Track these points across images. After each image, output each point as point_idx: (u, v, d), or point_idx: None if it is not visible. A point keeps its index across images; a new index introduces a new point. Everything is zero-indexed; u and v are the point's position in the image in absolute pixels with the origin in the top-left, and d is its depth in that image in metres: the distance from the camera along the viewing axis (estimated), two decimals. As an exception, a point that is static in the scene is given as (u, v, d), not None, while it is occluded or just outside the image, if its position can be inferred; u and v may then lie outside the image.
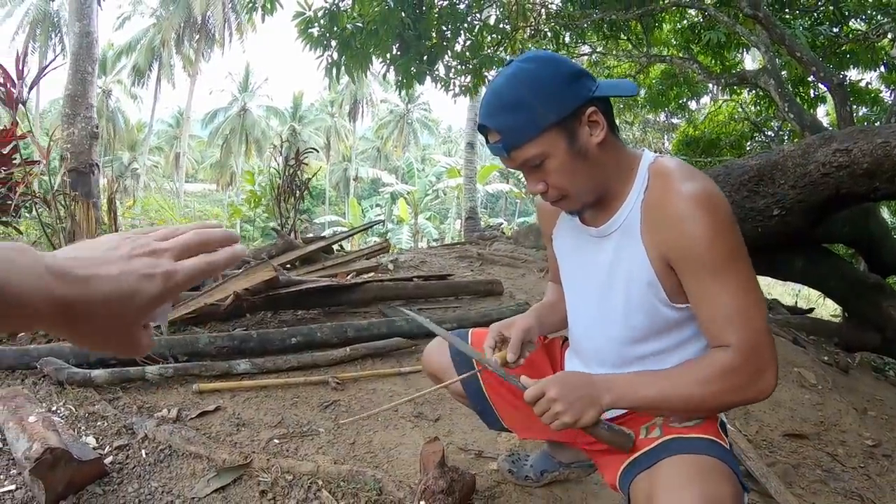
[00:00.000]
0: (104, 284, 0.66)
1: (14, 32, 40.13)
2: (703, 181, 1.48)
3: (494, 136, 1.53)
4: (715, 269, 1.44)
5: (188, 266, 0.74)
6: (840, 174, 4.40)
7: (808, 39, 8.31)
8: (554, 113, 1.47)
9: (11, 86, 5.66)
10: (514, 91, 1.48)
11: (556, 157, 1.50)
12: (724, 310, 1.45)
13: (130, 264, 0.69)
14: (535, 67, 1.49)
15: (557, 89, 1.48)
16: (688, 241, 1.44)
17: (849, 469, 2.90)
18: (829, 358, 4.76)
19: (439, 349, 2.12)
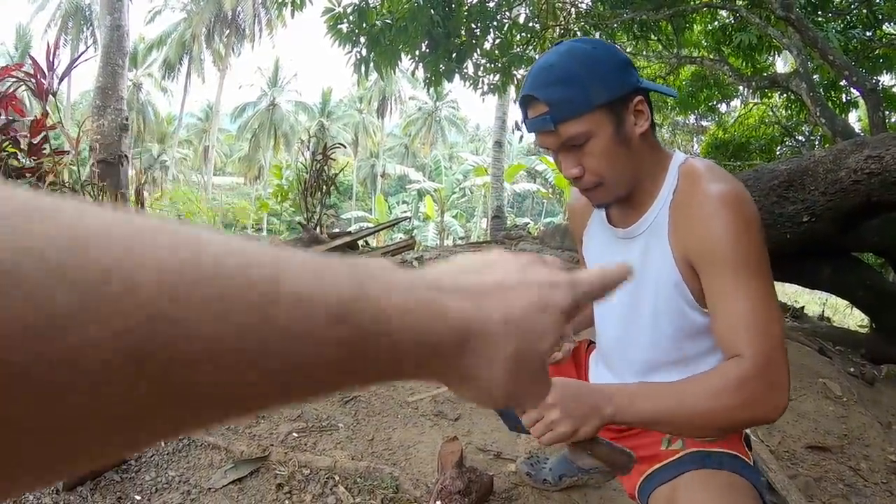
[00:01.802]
0: (510, 295, 0.51)
1: (46, 25, 40.72)
2: (733, 183, 1.45)
3: (540, 109, 1.47)
4: (736, 271, 1.38)
5: (590, 276, 0.60)
6: (871, 181, 4.34)
7: (841, 43, 8.20)
8: (606, 93, 1.44)
9: (42, 77, 5.73)
10: (568, 65, 1.45)
11: (601, 139, 1.46)
12: (741, 316, 1.37)
13: (526, 273, 0.55)
14: (589, 48, 1.47)
15: (610, 71, 1.46)
16: (711, 239, 1.41)
17: (871, 484, 2.85)
18: (855, 369, 4.69)
19: None
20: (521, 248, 8.49)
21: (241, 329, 0.31)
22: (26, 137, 6.27)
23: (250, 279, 0.32)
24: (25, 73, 5.95)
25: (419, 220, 33.88)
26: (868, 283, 5.26)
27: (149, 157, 43.28)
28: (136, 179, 7.91)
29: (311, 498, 2.17)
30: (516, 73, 8.63)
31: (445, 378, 0.48)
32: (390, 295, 0.40)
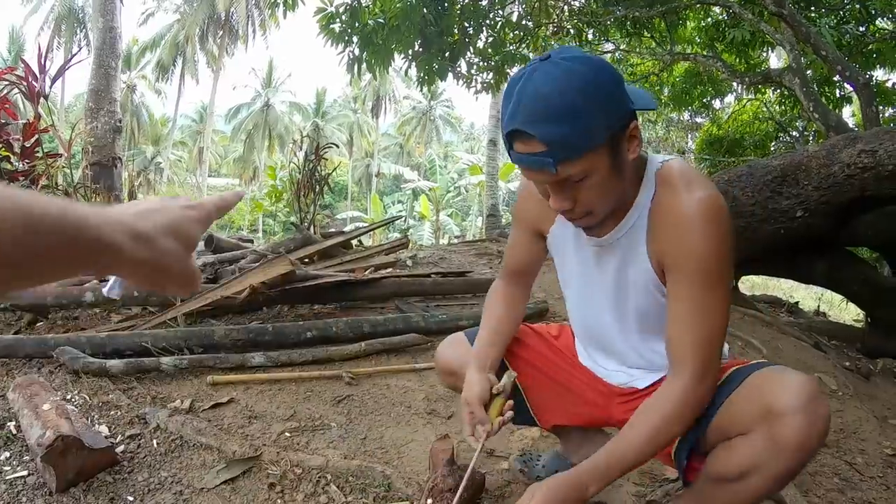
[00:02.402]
0: (160, 214, 0.78)
1: (39, 28, 40.66)
2: (709, 190, 1.49)
3: (534, 146, 1.38)
4: (703, 282, 1.49)
5: (209, 198, 0.91)
6: (865, 176, 4.34)
7: (834, 38, 8.20)
8: (608, 127, 1.39)
9: (34, 80, 5.72)
10: (569, 97, 1.34)
11: (599, 174, 1.43)
12: (695, 330, 1.51)
13: (172, 202, 0.83)
14: (588, 71, 1.37)
15: (611, 99, 1.39)
16: (686, 250, 1.48)
17: (867, 478, 2.84)
18: (850, 364, 4.69)
19: (454, 345, 2.07)
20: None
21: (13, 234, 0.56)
22: (19, 141, 6.25)
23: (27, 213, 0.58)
24: (17, 76, 5.94)
25: (415, 220, 33.87)
26: (863, 278, 5.27)
27: (143, 159, 43.26)
28: (130, 182, 7.90)
29: (303, 497, 2.16)
30: (509, 72, 8.61)
31: (125, 267, 0.73)
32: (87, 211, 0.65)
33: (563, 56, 1.40)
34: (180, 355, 3.26)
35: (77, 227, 0.63)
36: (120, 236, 0.69)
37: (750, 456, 1.48)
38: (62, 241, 0.62)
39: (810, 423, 1.44)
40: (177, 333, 3.45)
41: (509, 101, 1.42)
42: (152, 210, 0.78)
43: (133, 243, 0.71)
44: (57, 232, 0.61)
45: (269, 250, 5.42)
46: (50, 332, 3.78)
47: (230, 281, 4.11)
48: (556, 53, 1.41)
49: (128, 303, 4.10)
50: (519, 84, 1.40)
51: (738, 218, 4.82)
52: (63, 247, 0.63)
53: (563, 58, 1.39)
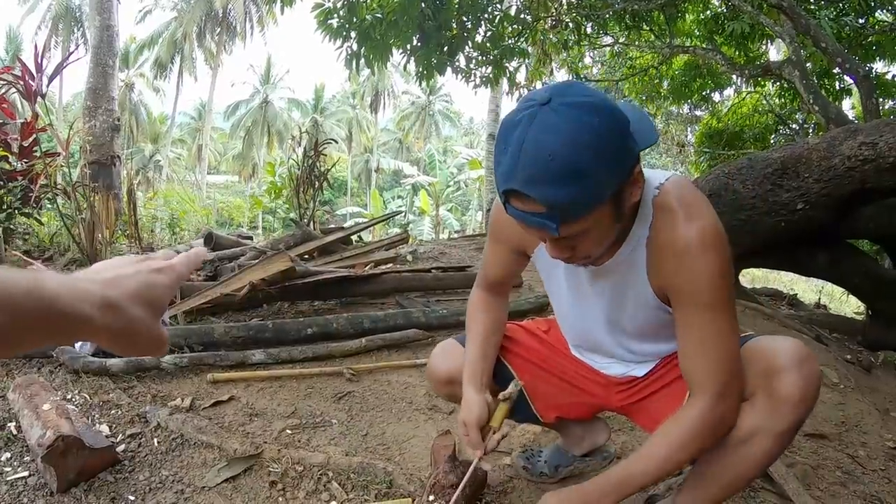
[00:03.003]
0: (129, 280, 0.79)
1: (37, 27, 40.57)
2: (707, 218, 1.45)
3: (535, 207, 1.28)
4: (711, 308, 1.46)
5: (178, 258, 0.92)
6: (865, 168, 4.33)
7: (834, 30, 8.18)
8: (615, 182, 1.30)
9: (30, 79, 5.69)
10: (575, 155, 1.22)
11: (601, 228, 1.37)
12: (709, 354, 1.49)
13: (141, 265, 0.84)
14: (596, 123, 1.23)
15: (619, 149, 1.29)
16: (689, 279, 1.46)
17: (869, 472, 2.83)
18: (851, 356, 4.69)
19: (447, 353, 2.03)
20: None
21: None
22: (17, 140, 6.23)
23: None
24: (14, 75, 5.91)
25: (414, 215, 33.85)
26: (864, 271, 5.26)
27: (142, 158, 43.24)
28: (129, 180, 7.88)
29: (305, 495, 2.15)
30: (508, 66, 8.61)
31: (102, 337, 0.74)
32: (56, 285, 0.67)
33: (566, 101, 1.25)
34: (180, 353, 3.25)
35: (48, 303, 0.65)
36: (89, 308, 0.71)
37: (753, 417, 1.53)
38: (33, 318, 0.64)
39: (805, 378, 1.49)
40: (176, 331, 3.44)
41: (505, 150, 1.29)
42: (122, 276, 0.80)
43: (102, 314, 0.72)
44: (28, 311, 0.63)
45: (268, 247, 5.41)
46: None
47: (230, 278, 4.10)
48: (557, 94, 1.27)
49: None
50: (516, 132, 1.27)
51: (739, 211, 4.80)
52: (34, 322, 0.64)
53: (566, 104, 1.25)
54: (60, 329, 0.68)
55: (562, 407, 2.00)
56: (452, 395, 2.00)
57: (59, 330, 0.68)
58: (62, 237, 6.32)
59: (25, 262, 5.34)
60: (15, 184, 6.00)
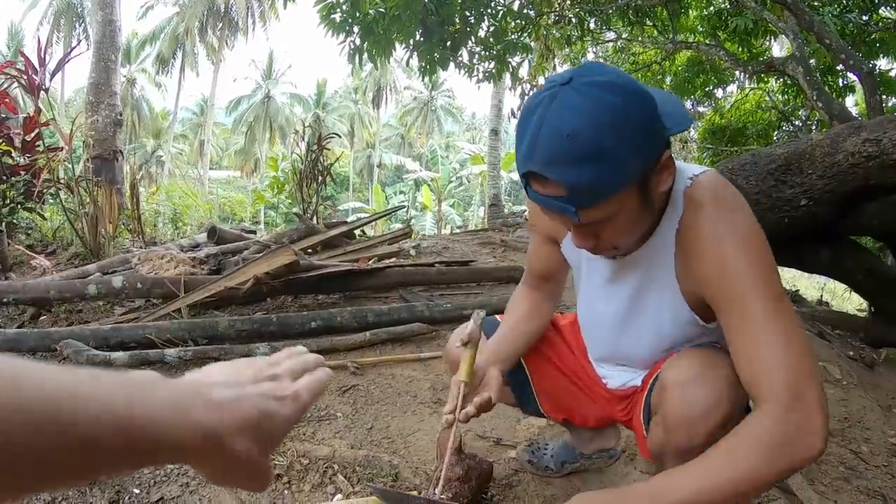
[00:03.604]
0: (246, 405, 0.67)
1: (38, 23, 40.54)
2: (744, 213, 1.36)
3: (554, 190, 1.23)
4: (766, 305, 1.29)
5: (306, 385, 0.78)
6: (869, 165, 4.31)
7: (837, 27, 8.16)
8: (640, 165, 1.24)
9: (33, 73, 5.70)
10: (595, 135, 1.16)
11: (626, 215, 1.30)
12: (774, 353, 1.27)
13: (262, 387, 0.72)
14: (619, 101, 1.18)
15: (645, 132, 1.22)
16: (731, 281, 1.32)
17: (872, 467, 2.84)
18: (854, 353, 4.69)
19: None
20: (519, 235, 8.49)
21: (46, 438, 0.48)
22: (19, 135, 6.25)
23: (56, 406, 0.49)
24: (17, 69, 5.92)
25: (416, 210, 33.88)
26: (867, 267, 5.25)
27: (144, 153, 43.24)
28: (131, 175, 7.89)
29: (311, 487, 2.16)
30: (511, 61, 8.59)
31: (196, 464, 0.65)
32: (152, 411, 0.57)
33: (587, 80, 1.20)
34: (184, 347, 3.26)
35: (140, 425, 0.55)
36: (190, 436, 0.60)
37: (655, 434, 1.50)
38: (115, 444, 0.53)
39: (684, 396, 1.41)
40: (181, 325, 3.45)
41: (524, 133, 1.23)
42: (237, 399, 0.67)
43: (200, 443, 0.61)
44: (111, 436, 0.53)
45: (272, 241, 5.42)
46: (53, 326, 3.78)
47: (234, 272, 4.11)
48: (578, 74, 1.22)
49: (131, 295, 4.09)
50: (535, 114, 1.21)
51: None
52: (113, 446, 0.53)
53: (587, 83, 1.20)
54: (142, 454, 0.57)
55: (569, 411, 1.98)
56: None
57: (140, 456, 0.57)
58: (65, 232, 6.33)
59: (28, 256, 5.35)
60: (18, 178, 6.02)
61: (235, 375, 0.72)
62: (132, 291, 4.03)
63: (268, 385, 0.73)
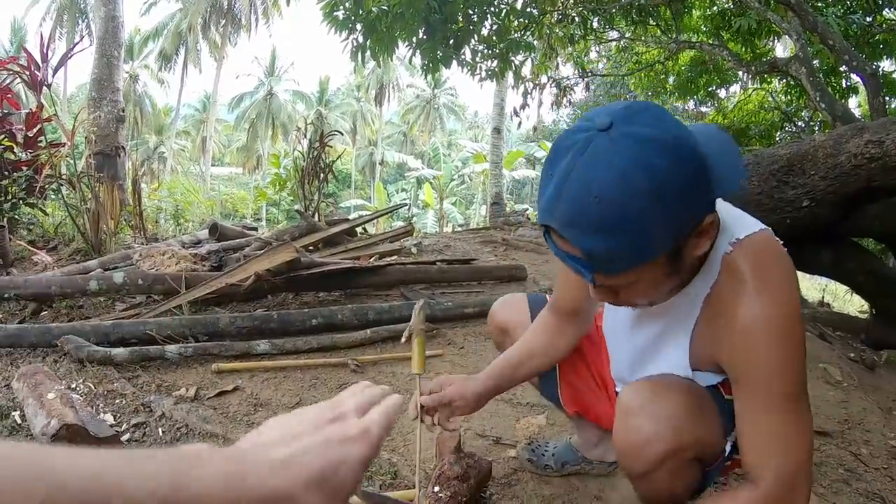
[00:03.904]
0: (310, 458, 0.64)
1: (41, 19, 40.59)
2: (784, 295, 1.24)
3: (572, 249, 1.12)
4: (777, 400, 1.25)
5: (376, 417, 0.74)
6: (872, 166, 4.31)
7: (841, 28, 8.16)
8: (674, 237, 1.11)
9: (36, 69, 5.70)
10: (629, 202, 1.02)
11: (648, 282, 1.21)
12: (771, 439, 1.26)
13: (325, 433, 0.68)
14: (664, 166, 1.02)
15: (688, 201, 1.08)
16: (753, 362, 1.25)
17: (871, 469, 2.83)
18: (855, 355, 4.68)
19: (510, 305, 2.06)
20: (521, 233, 8.49)
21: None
22: (22, 130, 6.25)
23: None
24: (20, 65, 5.93)
25: (418, 208, 33.89)
26: (868, 269, 5.25)
27: (146, 149, 43.27)
28: (134, 171, 7.89)
29: (309, 485, 2.15)
30: (514, 59, 8.59)
31: None
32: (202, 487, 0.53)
33: (630, 132, 1.04)
34: (185, 343, 3.26)
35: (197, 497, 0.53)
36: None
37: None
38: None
39: (627, 424, 1.42)
40: (181, 321, 3.45)
41: (549, 179, 1.10)
42: (301, 453, 0.63)
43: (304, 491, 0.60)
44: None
45: (273, 238, 5.42)
46: (54, 321, 3.79)
47: (235, 268, 4.11)
48: (622, 120, 1.06)
49: (132, 291, 4.10)
50: (565, 159, 1.08)
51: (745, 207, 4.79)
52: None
53: (629, 135, 1.04)
54: None
55: (584, 405, 1.98)
56: (502, 345, 2.02)
57: None
58: (67, 227, 6.34)
59: (30, 251, 5.35)
60: (20, 174, 6.02)
61: (296, 427, 0.68)
62: (133, 287, 4.03)
63: (331, 428, 0.69)
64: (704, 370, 1.44)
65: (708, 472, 1.50)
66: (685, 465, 1.42)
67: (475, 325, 4.17)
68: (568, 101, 12.43)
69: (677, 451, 1.38)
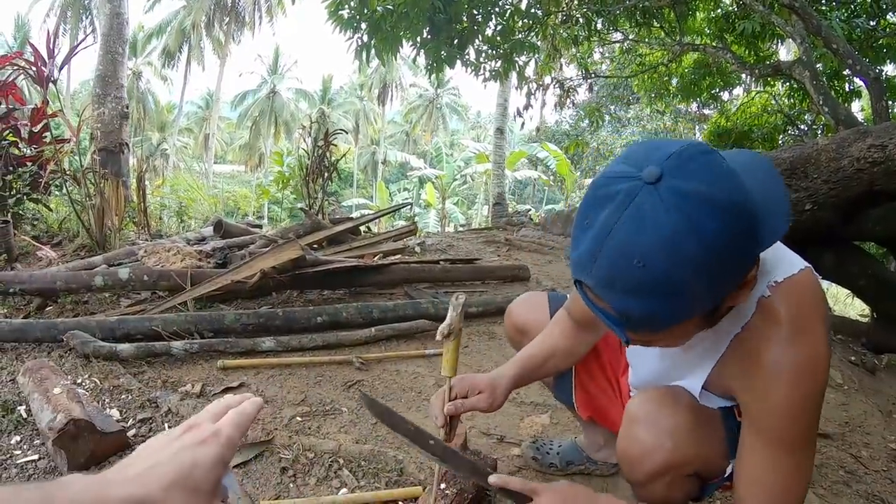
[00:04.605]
0: (164, 468, 0.70)
1: (45, 15, 40.59)
2: (817, 343, 1.19)
3: (606, 307, 1.05)
4: (784, 444, 1.24)
5: (228, 419, 0.81)
6: (874, 170, 4.32)
7: (845, 32, 8.15)
8: (717, 297, 1.05)
9: (42, 64, 5.71)
10: (672, 269, 0.95)
11: (681, 334, 1.16)
12: (768, 475, 1.26)
13: (179, 442, 0.74)
14: (715, 229, 0.94)
15: (737, 264, 1.02)
16: (768, 404, 1.23)
17: (871, 472, 2.85)
18: (855, 358, 4.70)
19: (529, 304, 2.02)
20: (524, 234, 8.50)
21: None
22: (27, 126, 6.26)
23: None
24: (26, 60, 5.94)
25: (420, 208, 33.87)
26: (870, 273, 5.25)
27: (149, 146, 43.24)
28: (138, 167, 7.90)
29: (316, 481, 2.17)
30: (518, 60, 8.60)
31: None
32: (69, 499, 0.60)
33: (681, 189, 0.95)
34: (190, 340, 3.27)
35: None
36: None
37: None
38: None
39: (629, 433, 1.43)
40: (187, 318, 3.46)
41: (586, 230, 1.02)
42: (156, 465, 0.70)
43: (163, 492, 0.66)
44: None
45: (278, 235, 5.44)
46: (59, 317, 3.80)
47: (240, 265, 4.12)
48: (672, 173, 0.96)
49: (137, 287, 4.11)
50: (605, 210, 0.99)
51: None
52: None
53: (681, 193, 0.95)
54: None
55: (598, 411, 1.98)
56: (519, 344, 1.99)
57: None
58: (71, 223, 6.35)
59: (34, 246, 5.37)
60: (24, 169, 6.03)
61: (154, 445, 0.75)
62: (138, 283, 4.05)
63: (187, 436, 0.75)
64: (715, 394, 1.42)
65: (706, 486, 1.50)
66: (683, 479, 1.43)
67: (479, 325, 4.19)
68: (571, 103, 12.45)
69: (676, 465, 1.39)
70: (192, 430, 0.76)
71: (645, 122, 23.10)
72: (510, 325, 2.05)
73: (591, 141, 24.94)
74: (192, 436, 0.75)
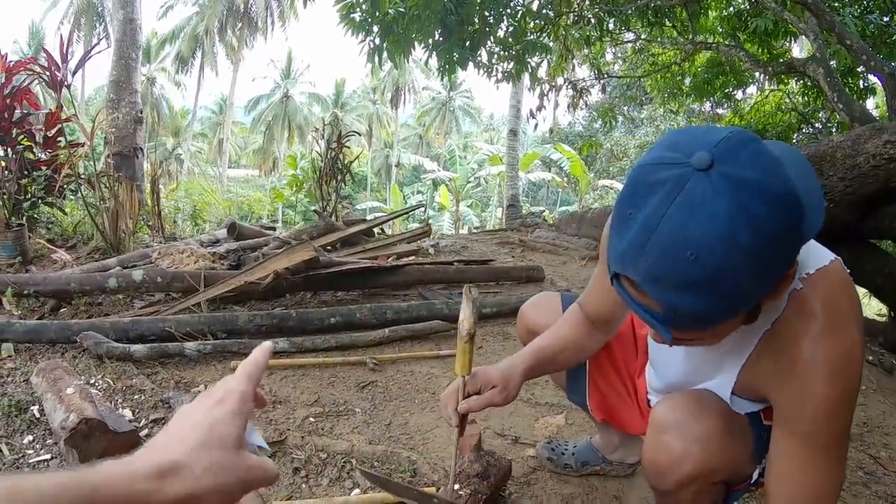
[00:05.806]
0: (188, 433, 0.74)
1: (59, 22, 40.94)
2: (851, 336, 1.15)
3: (650, 303, 1.00)
4: (816, 443, 1.21)
5: (238, 375, 0.85)
6: (891, 167, 4.28)
7: (858, 28, 8.08)
8: (763, 293, 1.01)
9: (56, 69, 5.75)
10: (726, 261, 0.90)
11: (721, 332, 1.12)
12: (800, 489, 1.23)
13: (204, 402, 0.80)
14: (766, 215, 0.90)
15: (785, 255, 0.98)
16: (799, 401, 1.19)
17: (890, 472, 2.81)
18: (873, 358, 4.64)
19: (541, 305, 1.98)
20: (538, 235, 8.49)
21: None
22: (41, 131, 6.30)
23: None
24: (40, 65, 5.98)
25: (434, 210, 33.88)
26: (887, 271, 5.21)
27: (163, 151, 43.52)
28: (152, 171, 7.94)
29: (329, 482, 2.16)
30: (530, 61, 8.58)
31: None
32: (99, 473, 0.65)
33: (734, 176, 0.91)
34: (204, 340, 3.28)
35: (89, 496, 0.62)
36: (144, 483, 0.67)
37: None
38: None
39: (656, 442, 1.39)
40: (200, 319, 3.47)
41: (631, 217, 0.96)
42: (181, 431, 0.75)
43: (162, 484, 0.68)
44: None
45: (292, 237, 5.45)
46: (73, 318, 3.82)
47: (253, 267, 4.13)
48: (723, 159, 0.92)
49: (150, 289, 4.12)
50: (652, 199, 0.94)
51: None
52: None
53: (733, 180, 0.90)
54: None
55: (612, 413, 1.94)
56: None
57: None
58: (85, 226, 6.38)
59: (49, 249, 5.40)
60: (39, 173, 6.07)
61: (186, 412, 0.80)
62: (152, 285, 4.06)
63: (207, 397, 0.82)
64: (744, 398, 1.39)
65: (731, 492, 1.47)
66: (711, 487, 1.40)
67: (493, 325, 4.18)
68: (584, 103, 12.40)
69: (705, 474, 1.36)
70: (212, 395, 0.81)
71: (658, 123, 23.01)
72: (522, 327, 2.03)
73: (605, 142, 24.88)
74: (206, 398, 0.80)
